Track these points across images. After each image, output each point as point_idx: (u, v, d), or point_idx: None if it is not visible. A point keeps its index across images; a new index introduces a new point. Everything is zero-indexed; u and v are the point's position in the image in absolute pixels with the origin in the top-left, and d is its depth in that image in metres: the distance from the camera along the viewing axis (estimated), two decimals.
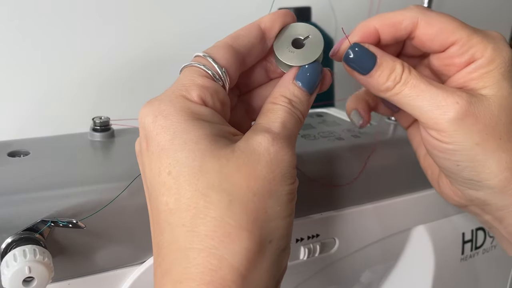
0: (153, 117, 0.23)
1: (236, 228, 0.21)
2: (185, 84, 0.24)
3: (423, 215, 0.40)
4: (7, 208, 0.26)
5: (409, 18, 0.27)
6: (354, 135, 0.39)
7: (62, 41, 0.55)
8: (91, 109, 0.58)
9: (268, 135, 0.23)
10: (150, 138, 0.23)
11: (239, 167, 0.22)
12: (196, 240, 0.21)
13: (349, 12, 0.68)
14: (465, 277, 0.45)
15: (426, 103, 0.27)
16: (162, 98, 0.24)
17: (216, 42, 0.27)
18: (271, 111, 0.26)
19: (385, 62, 0.27)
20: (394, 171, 0.38)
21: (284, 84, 0.27)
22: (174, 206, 0.22)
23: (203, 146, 0.22)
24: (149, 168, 0.23)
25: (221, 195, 0.21)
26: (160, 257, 0.22)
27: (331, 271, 0.38)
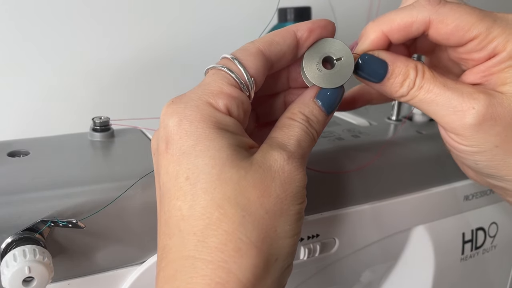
0: (177, 120, 0.23)
1: (246, 244, 0.21)
2: (213, 90, 0.24)
3: (423, 215, 0.40)
4: (7, 208, 0.26)
5: (420, 19, 0.26)
6: (354, 135, 0.39)
7: (62, 41, 0.55)
8: (91, 109, 0.58)
9: (284, 153, 0.23)
10: (172, 141, 0.23)
11: (255, 183, 0.22)
12: (205, 251, 0.21)
13: (349, 12, 0.68)
14: (465, 277, 0.45)
15: (441, 108, 0.26)
16: (188, 102, 0.23)
17: (247, 44, 0.26)
18: (288, 126, 0.25)
19: (397, 68, 0.27)
20: (394, 171, 0.37)
21: (305, 102, 0.26)
22: (188, 212, 0.22)
23: (224, 155, 0.22)
24: (166, 170, 0.23)
25: (235, 209, 0.21)
26: (164, 262, 0.22)
27: (331, 271, 0.38)
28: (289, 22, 0.57)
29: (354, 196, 0.36)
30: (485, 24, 0.25)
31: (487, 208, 0.44)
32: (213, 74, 0.25)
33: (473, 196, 0.42)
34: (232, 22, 0.63)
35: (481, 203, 0.43)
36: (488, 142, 0.26)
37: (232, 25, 0.63)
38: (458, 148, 0.27)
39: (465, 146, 0.26)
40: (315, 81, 0.27)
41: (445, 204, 0.41)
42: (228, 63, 0.25)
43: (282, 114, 0.27)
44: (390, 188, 0.38)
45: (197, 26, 0.61)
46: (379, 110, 0.46)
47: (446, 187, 0.40)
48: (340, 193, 0.35)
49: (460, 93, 0.25)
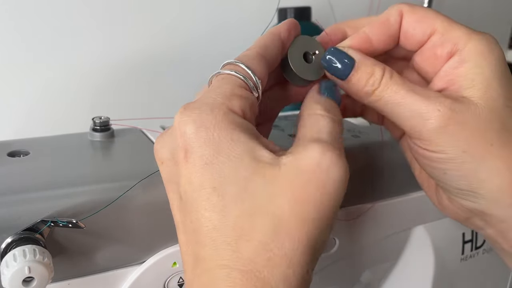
0: (195, 128, 0.22)
1: (279, 254, 0.21)
2: (226, 93, 0.23)
3: (423, 215, 0.40)
4: (7, 208, 0.26)
5: (394, 10, 0.27)
6: (354, 135, 0.39)
7: (62, 41, 0.55)
8: (91, 109, 0.58)
9: (319, 148, 0.22)
10: (191, 150, 0.22)
11: (285, 190, 0.21)
12: (240, 262, 0.21)
13: (349, 12, 0.68)
14: (465, 277, 0.45)
15: (406, 110, 0.25)
16: (202, 107, 0.23)
17: (244, 52, 0.26)
18: (310, 118, 0.25)
19: (363, 66, 0.26)
20: (394, 171, 0.37)
21: (313, 95, 0.27)
22: (219, 223, 0.21)
23: (247, 163, 0.22)
24: (188, 180, 0.22)
25: (266, 219, 0.21)
26: (199, 270, 0.22)
27: (331, 271, 0.38)
28: None
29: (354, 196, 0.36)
30: (447, 20, 0.26)
31: None
32: (222, 79, 0.24)
33: None
34: (232, 22, 0.63)
35: None
36: (455, 147, 0.25)
37: (232, 25, 0.63)
38: (424, 154, 0.26)
39: (431, 152, 0.25)
40: (304, 76, 0.28)
41: None
42: (234, 67, 0.25)
43: (299, 113, 0.26)
44: (390, 188, 0.38)
45: (197, 26, 0.61)
46: None
47: None
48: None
49: (426, 96, 0.25)
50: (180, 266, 0.31)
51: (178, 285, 0.32)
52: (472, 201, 0.26)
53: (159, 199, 0.29)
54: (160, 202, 0.29)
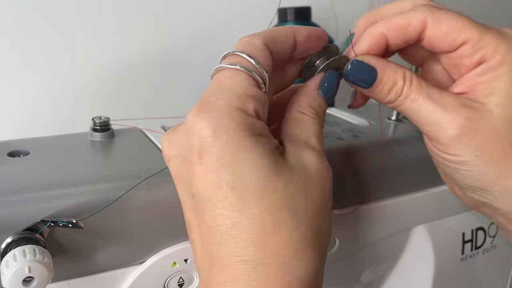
0: (213, 132, 0.22)
1: (302, 246, 0.23)
2: (240, 94, 0.24)
3: (423, 215, 0.40)
4: (7, 208, 0.26)
5: (417, 19, 0.26)
6: (354, 135, 0.39)
7: (62, 41, 0.55)
8: (91, 109, 0.58)
9: (315, 154, 0.25)
10: (209, 152, 0.23)
11: (299, 187, 0.23)
12: (266, 256, 0.22)
13: (350, 12, 0.68)
14: (465, 277, 0.45)
15: (424, 118, 0.27)
16: (219, 110, 0.23)
17: (250, 38, 0.26)
18: (302, 122, 0.26)
19: (385, 76, 0.27)
20: (394, 171, 0.37)
21: (310, 94, 0.27)
22: (239, 221, 0.22)
23: (266, 163, 0.23)
24: (203, 181, 0.23)
25: (288, 215, 0.23)
26: (217, 268, 0.23)
27: (331, 271, 0.38)
28: (289, 22, 0.57)
29: (354, 196, 0.36)
30: (478, 29, 0.26)
31: None
32: (231, 75, 0.24)
33: None
34: (232, 22, 0.63)
35: None
36: (468, 153, 0.26)
37: (232, 25, 0.63)
38: (440, 155, 0.28)
39: (447, 154, 0.27)
40: None
41: (445, 204, 0.41)
42: (242, 61, 0.25)
43: (291, 105, 0.27)
44: (390, 188, 0.38)
45: (197, 26, 0.61)
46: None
47: (446, 187, 0.40)
48: (340, 193, 0.35)
49: (443, 106, 0.26)
50: (180, 266, 0.31)
51: (178, 285, 0.32)
52: (481, 196, 0.28)
53: (159, 199, 0.29)
54: (160, 202, 0.29)
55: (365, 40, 0.28)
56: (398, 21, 0.27)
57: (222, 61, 0.26)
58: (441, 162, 0.28)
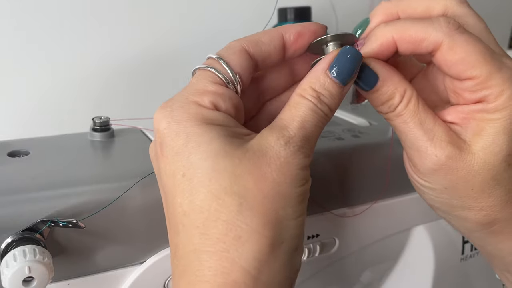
0: (166, 123, 0.23)
1: (246, 231, 0.21)
2: (198, 89, 0.25)
3: (423, 215, 0.40)
4: (7, 208, 0.26)
5: (434, 38, 0.25)
6: (354, 135, 0.39)
7: (62, 41, 0.55)
8: (91, 109, 0.58)
9: (281, 139, 0.23)
10: (165, 143, 0.23)
11: (250, 170, 0.22)
12: (208, 243, 0.21)
13: (350, 12, 0.68)
14: (465, 277, 0.45)
15: (410, 141, 0.27)
16: (174, 104, 0.24)
17: (231, 42, 0.27)
18: (295, 106, 0.24)
19: (385, 87, 0.26)
20: (394, 171, 0.37)
21: (315, 75, 0.25)
22: (188, 208, 0.22)
23: (217, 146, 0.22)
24: (164, 172, 0.23)
25: (233, 198, 0.22)
26: (176, 259, 0.23)
27: (331, 271, 0.38)
28: (289, 22, 0.57)
29: (354, 196, 0.36)
30: (489, 68, 0.24)
31: None
32: (199, 75, 0.26)
33: None
34: (232, 21, 0.63)
35: None
36: (439, 183, 0.27)
37: (232, 25, 0.63)
38: (413, 176, 0.28)
39: (419, 178, 0.28)
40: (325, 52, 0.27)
41: None
42: (213, 63, 0.26)
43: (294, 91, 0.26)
44: (390, 188, 0.38)
45: (197, 26, 0.61)
46: None
47: None
48: (340, 193, 0.35)
49: (431, 137, 0.26)
50: None
51: None
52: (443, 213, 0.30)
53: (159, 199, 0.29)
54: (160, 202, 0.29)
55: (375, 43, 0.27)
56: (414, 34, 0.25)
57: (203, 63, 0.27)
58: (412, 179, 0.29)
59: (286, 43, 0.27)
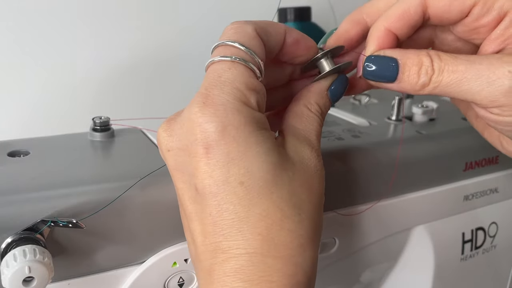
0: (222, 127, 0.23)
1: (306, 239, 0.24)
2: (242, 88, 0.24)
3: (423, 215, 0.40)
4: (7, 208, 0.26)
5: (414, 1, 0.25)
6: (354, 135, 0.39)
7: (62, 41, 0.55)
8: (91, 109, 0.58)
9: (313, 150, 0.25)
10: (216, 146, 0.23)
11: (302, 183, 0.24)
12: (274, 249, 0.23)
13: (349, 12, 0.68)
14: (465, 277, 0.45)
15: (473, 84, 0.24)
16: (225, 104, 0.23)
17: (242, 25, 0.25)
18: (307, 118, 0.26)
19: (408, 60, 0.25)
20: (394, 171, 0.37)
21: (320, 92, 0.27)
22: (246, 215, 0.23)
23: (273, 158, 0.23)
24: (209, 175, 0.23)
25: (293, 209, 0.23)
26: (221, 258, 0.23)
27: (331, 271, 0.38)
28: (289, 22, 0.57)
29: (354, 196, 0.36)
30: None
31: (487, 208, 0.44)
32: (229, 68, 0.24)
33: (473, 196, 0.42)
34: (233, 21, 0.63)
35: (481, 203, 0.43)
36: None
37: None
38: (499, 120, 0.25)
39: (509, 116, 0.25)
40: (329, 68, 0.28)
41: (445, 204, 0.41)
42: (237, 52, 0.24)
43: (298, 99, 0.27)
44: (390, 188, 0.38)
45: (197, 25, 0.61)
46: (379, 110, 0.46)
47: (446, 187, 0.40)
48: (340, 193, 0.35)
49: (489, 62, 0.24)
50: (180, 266, 0.31)
51: (178, 285, 0.32)
52: None
53: (159, 199, 0.29)
54: (160, 202, 0.29)
55: (371, 41, 0.27)
56: (396, 11, 0.26)
57: (214, 51, 0.25)
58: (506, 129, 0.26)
59: (285, 43, 0.27)
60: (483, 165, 0.42)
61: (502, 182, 0.43)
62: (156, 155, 0.33)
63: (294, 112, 0.27)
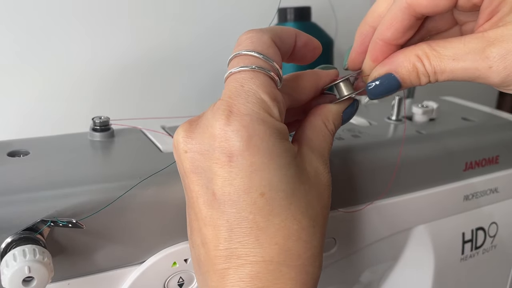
0: (247, 137, 0.23)
1: (318, 249, 0.25)
2: (264, 98, 0.24)
3: (423, 215, 0.40)
4: (7, 208, 0.26)
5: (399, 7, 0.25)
6: (354, 135, 0.39)
7: (62, 41, 0.55)
8: (91, 109, 0.58)
9: (326, 167, 0.27)
10: (240, 156, 0.23)
11: (317, 196, 0.25)
12: (290, 258, 0.24)
13: (349, 12, 0.68)
14: (465, 277, 0.45)
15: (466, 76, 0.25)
16: (251, 114, 0.23)
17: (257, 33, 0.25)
18: (324, 135, 0.27)
19: (403, 69, 0.26)
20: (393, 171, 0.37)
21: (338, 113, 0.29)
22: (265, 225, 0.23)
23: (293, 171, 0.24)
24: (231, 183, 0.23)
25: (308, 221, 0.24)
26: (236, 263, 0.24)
27: (331, 271, 0.38)
28: (289, 21, 0.57)
29: (354, 196, 0.36)
30: None
31: (487, 208, 0.44)
32: (252, 78, 0.24)
33: (473, 196, 0.42)
34: (232, 22, 0.63)
35: (481, 203, 0.43)
36: None
37: (232, 25, 0.63)
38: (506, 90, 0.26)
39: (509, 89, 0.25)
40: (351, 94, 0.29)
41: (445, 204, 0.41)
42: (257, 62, 0.24)
43: (316, 114, 0.28)
44: (390, 188, 0.38)
45: (197, 26, 0.61)
46: (379, 110, 0.46)
47: (446, 187, 0.40)
48: (340, 193, 0.35)
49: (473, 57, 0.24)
50: (180, 266, 0.31)
51: (178, 285, 0.32)
52: None
53: (159, 199, 0.29)
54: (160, 202, 0.29)
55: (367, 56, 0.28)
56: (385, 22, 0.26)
57: (232, 62, 0.25)
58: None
59: (296, 46, 0.27)
60: (483, 165, 0.42)
61: (502, 182, 0.43)
62: (156, 155, 0.33)
63: (312, 126, 0.28)
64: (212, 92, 0.62)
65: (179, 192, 0.29)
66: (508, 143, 0.43)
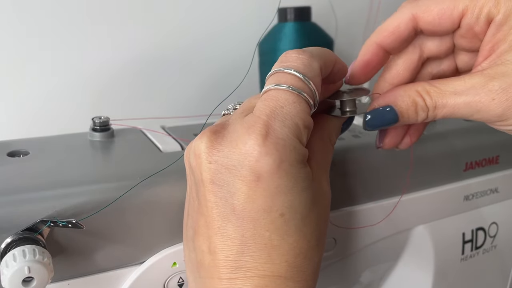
0: (279, 161, 0.23)
1: (318, 264, 0.26)
2: (300, 126, 0.24)
3: (423, 215, 0.40)
4: (7, 208, 0.26)
5: (404, 17, 0.27)
6: (355, 135, 0.39)
7: (62, 41, 0.55)
8: (91, 109, 0.58)
9: (328, 185, 0.27)
10: (268, 178, 0.23)
11: (323, 216, 0.26)
12: (295, 274, 0.25)
13: (349, 12, 0.68)
14: (465, 277, 0.45)
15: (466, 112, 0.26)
16: (285, 140, 0.24)
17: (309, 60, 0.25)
18: (328, 150, 0.28)
19: (403, 103, 0.27)
20: (394, 171, 0.37)
21: (339, 127, 0.30)
22: (278, 243, 0.24)
23: (311, 194, 0.25)
24: (253, 200, 0.24)
25: (317, 240, 0.26)
26: (243, 275, 0.24)
27: (331, 271, 0.38)
28: (289, 21, 0.57)
29: (353, 196, 0.36)
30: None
31: (487, 208, 0.44)
32: (294, 102, 0.24)
33: (473, 196, 0.42)
34: (232, 22, 0.63)
35: (481, 203, 0.43)
36: None
37: (233, 25, 0.63)
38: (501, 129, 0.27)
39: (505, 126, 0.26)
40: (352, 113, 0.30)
41: (445, 204, 0.41)
42: (305, 88, 0.25)
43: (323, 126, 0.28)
44: (390, 188, 0.38)
45: (197, 26, 0.61)
46: None
47: (446, 187, 0.40)
48: (340, 193, 0.35)
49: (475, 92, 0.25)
50: (180, 266, 0.31)
51: (178, 285, 0.32)
52: None
53: (159, 199, 0.29)
54: (160, 202, 0.29)
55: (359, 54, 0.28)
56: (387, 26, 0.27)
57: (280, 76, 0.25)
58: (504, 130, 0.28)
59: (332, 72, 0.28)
60: (483, 165, 0.42)
61: (502, 182, 0.43)
62: (156, 155, 0.33)
63: (319, 141, 0.28)
64: (212, 92, 0.62)
65: (179, 192, 0.29)
66: (508, 143, 0.43)
